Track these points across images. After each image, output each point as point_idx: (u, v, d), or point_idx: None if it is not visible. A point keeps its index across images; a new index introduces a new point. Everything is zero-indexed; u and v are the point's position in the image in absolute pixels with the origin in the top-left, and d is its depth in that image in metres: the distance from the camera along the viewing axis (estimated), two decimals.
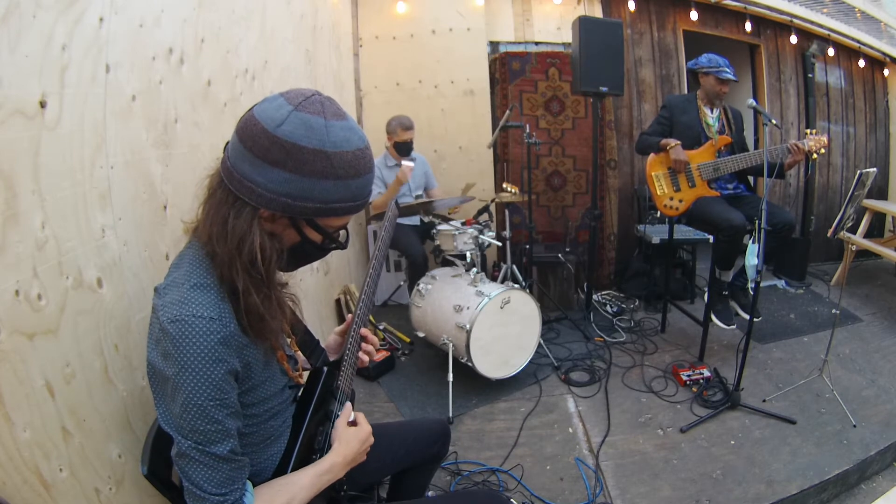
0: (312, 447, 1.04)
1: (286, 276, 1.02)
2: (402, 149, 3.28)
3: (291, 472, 0.97)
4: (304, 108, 0.82)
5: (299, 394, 1.09)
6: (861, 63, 4.55)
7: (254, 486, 0.91)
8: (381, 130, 3.34)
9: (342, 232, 0.97)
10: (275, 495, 0.90)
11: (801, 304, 3.67)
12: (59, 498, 0.90)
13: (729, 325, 2.74)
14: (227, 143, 0.88)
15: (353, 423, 1.05)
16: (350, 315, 1.16)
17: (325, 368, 1.09)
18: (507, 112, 3.19)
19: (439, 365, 2.76)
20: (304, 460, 1.00)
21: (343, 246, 0.96)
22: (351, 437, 1.02)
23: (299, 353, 1.11)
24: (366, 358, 1.20)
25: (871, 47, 4.41)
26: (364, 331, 1.17)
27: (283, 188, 0.82)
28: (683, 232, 3.48)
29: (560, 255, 3.51)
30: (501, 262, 3.60)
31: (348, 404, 1.08)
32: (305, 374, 1.13)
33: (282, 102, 0.82)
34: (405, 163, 3.11)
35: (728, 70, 2.68)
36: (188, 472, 0.83)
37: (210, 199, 0.88)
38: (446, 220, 2.99)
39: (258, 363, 0.93)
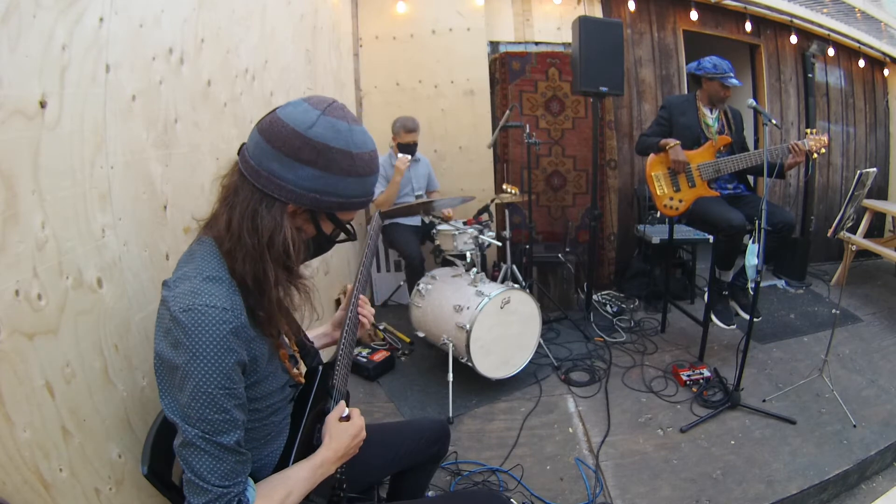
0: (311, 443, 1.05)
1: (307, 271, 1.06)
2: (406, 151, 3.28)
3: None
4: (330, 112, 0.89)
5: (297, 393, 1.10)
6: (861, 63, 4.54)
7: (255, 481, 0.91)
8: (381, 131, 3.34)
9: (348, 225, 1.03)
10: (273, 489, 0.91)
11: (801, 304, 3.67)
12: (59, 498, 0.90)
13: (729, 325, 2.74)
14: (243, 145, 0.93)
15: (347, 419, 1.05)
16: (350, 286, 1.22)
17: (321, 367, 1.11)
18: (507, 112, 3.19)
19: (439, 365, 2.76)
20: (304, 456, 1.01)
21: (354, 236, 1.02)
22: (341, 432, 1.03)
23: (297, 352, 1.12)
24: (366, 322, 1.25)
25: (871, 47, 4.41)
26: (362, 298, 1.25)
27: (313, 184, 0.88)
28: (683, 232, 3.48)
29: (560, 255, 3.51)
30: (501, 262, 3.61)
31: (342, 402, 1.10)
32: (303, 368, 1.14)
33: (307, 107, 0.88)
34: (401, 155, 3.15)
35: (734, 77, 2.66)
36: (192, 462, 0.83)
37: (233, 197, 0.90)
38: (446, 220, 2.99)
39: (263, 358, 0.95)
